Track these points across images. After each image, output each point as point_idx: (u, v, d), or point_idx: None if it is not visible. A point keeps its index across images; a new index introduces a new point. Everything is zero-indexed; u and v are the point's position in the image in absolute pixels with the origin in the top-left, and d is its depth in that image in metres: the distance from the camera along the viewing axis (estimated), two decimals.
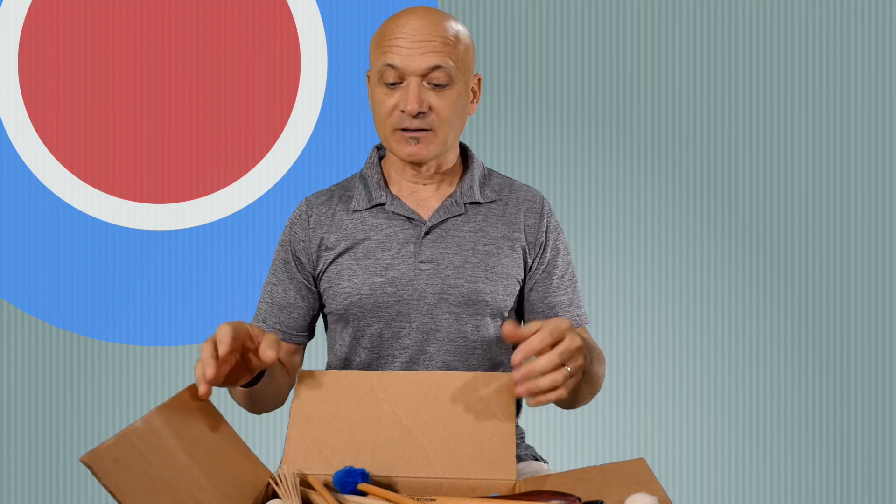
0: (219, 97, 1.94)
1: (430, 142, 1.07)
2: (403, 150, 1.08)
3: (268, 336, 0.88)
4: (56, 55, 1.91)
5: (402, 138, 1.07)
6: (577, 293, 1.18)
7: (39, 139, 1.91)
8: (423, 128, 1.06)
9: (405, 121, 1.06)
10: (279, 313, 1.14)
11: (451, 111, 1.07)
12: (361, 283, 1.10)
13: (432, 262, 1.11)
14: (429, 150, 1.08)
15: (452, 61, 1.05)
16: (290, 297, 1.14)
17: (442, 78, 1.05)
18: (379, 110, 1.08)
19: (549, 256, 1.16)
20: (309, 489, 0.86)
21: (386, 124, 1.08)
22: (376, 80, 1.08)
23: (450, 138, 1.09)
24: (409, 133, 1.06)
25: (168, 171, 1.94)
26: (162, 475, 0.76)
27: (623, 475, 0.85)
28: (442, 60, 1.04)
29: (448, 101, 1.06)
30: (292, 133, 1.95)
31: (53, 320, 1.94)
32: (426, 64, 1.04)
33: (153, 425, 0.79)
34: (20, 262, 1.92)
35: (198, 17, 1.92)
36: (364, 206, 1.13)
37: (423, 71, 1.04)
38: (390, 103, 1.06)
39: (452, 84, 1.06)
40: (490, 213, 1.14)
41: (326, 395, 0.94)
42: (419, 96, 1.04)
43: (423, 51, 1.04)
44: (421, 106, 1.04)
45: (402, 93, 1.05)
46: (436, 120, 1.06)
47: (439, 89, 1.06)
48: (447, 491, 0.89)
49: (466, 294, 1.10)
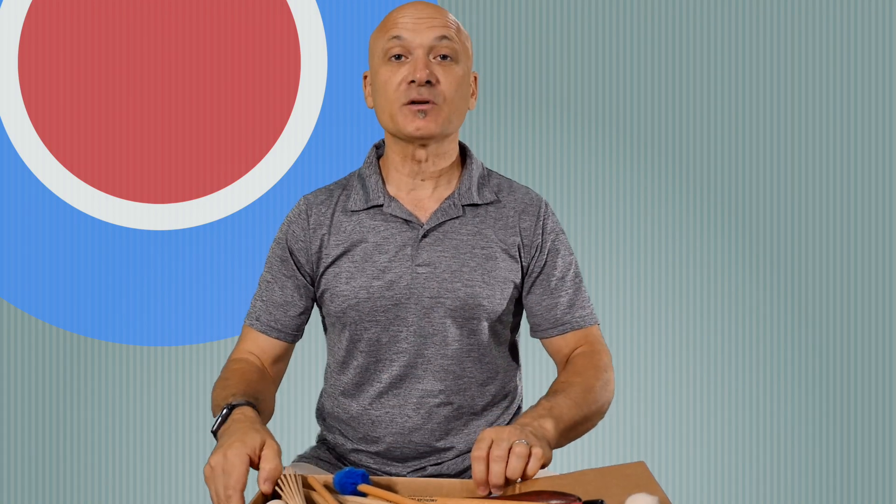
0: (219, 97, 1.93)
1: (437, 115, 1.07)
2: (411, 125, 1.07)
3: (267, 455, 0.86)
4: (56, 55, 1.91)
5: (410, 112, 1.07)
6: (582, 294, 1.16)
7: (39, 139, 1.91)
8: (430, 99, 1.06)
9: (413, 92, 1.06)
10: (275, 311, 1.14)
11: (456, 88, 1.08)
12: (359, 287, 1.10)
13: (429, 265, 1.10)
14: (436, 124, 1.07)
15: (456, 41, 1.08)
16: (287, 294, 1.14)
17: (448, 49, 1.07)
18: (385, 88, 1.08)
19: (547, 258, 1.14)
20: (309, 489, 0.87)
21: (393, 100, 1.07)
22: (381, 60, 1.08)
23: (453, 118, 1.10)
24: (417, 106, 1.06)
25: (168, 171, 1.94)
26: None
27: (623, 478, 0.85)
28: (448, 33, 1.07)
29: (453, 77, 1.08)
30: (292, 133, 1.95)
31: (53, 320, 1.94)
32: (433, 34, 1.06)
33: None
34: (20, 262, 1.92)
35: (198, 17, 1.92)
36: (361, 207, 1.13)
37: (430, 42, 1.06)
38: (397, 78, 1.07)
39: (457, 60, 1.08)
40: (488, 216, 1.14)
41: None
42: (427, 65, 1.06)
43: (429, 25, 1.06)
44: (430, 76, 1.05)
45: (409, 65, 1.07)
46: (441, 94, 1.07)
47: (445, 63, 1.07)
48: (447, 491, 0.89)
49: (463, 298, 1.09)
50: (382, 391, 1.12)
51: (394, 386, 1.12)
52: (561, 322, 1.14)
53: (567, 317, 1.14)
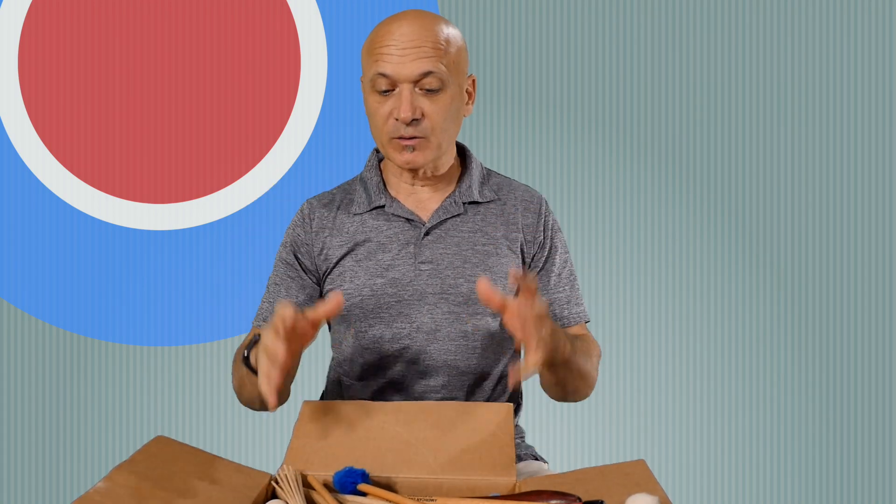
0: (219, 97, 1.94)
1: (425, 148, 1.08)
2: (400, 158, 1.09)
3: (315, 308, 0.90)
4: (56, 55, 1.91)
5: (399, 146, 1.08)
6: (577, 291, 1.19)
7: (39, 139, 1.91)
8: (417, 135, 1.06)
9: (400, 129, 1.06)
10: None
11: (445, 117, 1.07)
12: (363, 285, 1.11)
13: (432, 262, 1.11)
14: (424, 157, 1.08)
15: (444, 65, 1.05)
16: (293, 296, 1.15)
17: (434, 83, 1.05)
18: (374, 119, 1.09)
19: (547, 255, 1.17)
20: (309, 489, 0.87)
21: (382, 132, 1.08)
22: (369, 87, 1.08)
23: (444, 143, 1.10)
24: (405, 141, 1.07)
25: (168, 171, 1.94)
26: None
27: (623, 476, 0.85)
28: (433, 66, 1.04)
29: (441, 107, 1.06)
30: (292, 133, 1.95)
31: (53, 320, 1.94)
32: (417, 70, 1.04)
33: (117, 480, 0.78)
34: (20, 262, 1.92)
35: (198, 17, 1.92)
36: (364, 209, 1.14)
37: (415, 77, 1.04)
38: (384, 111, 1.07)
39: (445, 88, 1.06)
40: (489, 213, 1.15)
41: (328, 416, 0.96)
42: (412, 103, 1.04)
43: (414, 57, 1.04)
44: (414, 113, 1.04)
45: (395, 100, 1.06)
46: (429, 126, 1.06)
47: (432, 94, 1.06)
48: (447, 491, 0.89)
49: (466, 294, 1.10)
50: (385, 387, 1.13)
51: (397, 382, 1.13)
52: (558, 318, 1.16)
53: (564, 312, 1.16)
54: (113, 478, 0.78)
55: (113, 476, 0.78)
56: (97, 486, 0.76)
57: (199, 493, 0.80)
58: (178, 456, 0.86)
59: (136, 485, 0.78)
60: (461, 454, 0.90)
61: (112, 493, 0.76)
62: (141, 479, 0.79)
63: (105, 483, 0.77)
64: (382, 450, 0.91)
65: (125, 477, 0.79)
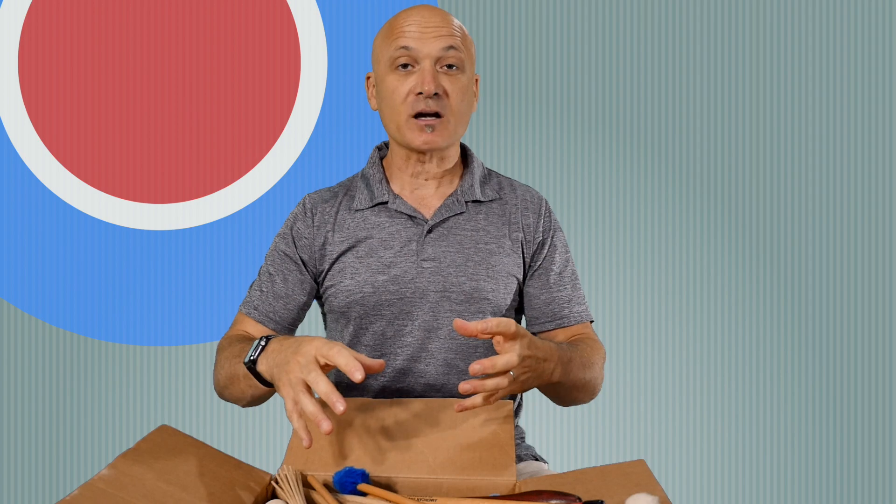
0: (219, 97, 1.94)
1: (444, 128, 1.09)
2: (419, 139, 1.09)
3: (340, 352, 0.84)
4: (56, 55, 1.91)
5: (418, 126, 1.08)
6: (579, 290, 1.19)
7: (39, 139, 1.91)
8: (438, 111, 1.07)
9: (421, 104, 1.07)
10: (274, 302, 1.14)
11: (462, 98, 1.09)
12: (364, 281, 1.11)
13: (434, 260, 1.11)
14: (442, 138, 1.09)
15: (462, 49, 1.08)
16: (289, 287, 1.14)
17: (455, 58, 1.07)
18: (392, 98, 1.08)
19: (548, 254, 1.17)
20: (309, 489, 0.87)
21: (400, 111, 1.08)
22: (387, 67, 1.08)
23: (459, 128, 1.11)
24: (425, 120, 1.07)
25: (168, 171, 1.94)
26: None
27: (623, 476, 0.85)
28: (454, 42, 1.07)
29: (460, 87, 1.08)
30: (292, 133, 1.95)
31: (53, 320, 1.94)
32: (440, 44, 1.06)
33: (121, 468, 0.78)
34: (20, 262, 1.92)
35: (198, 17, 1.92)
36: (366, 205, 1.14)
37: (437, 54, 1.06)
38: (404, 89, 1.07)
39: (463, 69, 1.09)
40: (491, 212, 1.15)
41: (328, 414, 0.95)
42: (435, 77, 1.06)
43: (436, 34, 1.06)
44: (437, 87, 1.06)
45: (417, 76, 1.07)
46: (448, 105, 1.08)
47: (452, 73, 1.08)
48: (447, 491, 0.89)
49: (468, 292, 1.10)
50: (386, 385, 1.13)
51: (397, 380, 1.13)
52: (560, 316, 1.16)
53: (566, 311, 1.16)
54: (117, 465, 0.78)
55: (117, 464, 0.79)
56: (101, 474, 0.77)
57: (201, 488, 0.80)
58: (182, 448, 0.86)
59: (141, 475, 0.78)
60: (461, 454, 0.90)
61: (116, 482, 0.76)
62: (145, 470, 0.79)
63: (109, 471, 0.77)
64: (382, 450, 0.91)
65: (129, 466, 0.79)
